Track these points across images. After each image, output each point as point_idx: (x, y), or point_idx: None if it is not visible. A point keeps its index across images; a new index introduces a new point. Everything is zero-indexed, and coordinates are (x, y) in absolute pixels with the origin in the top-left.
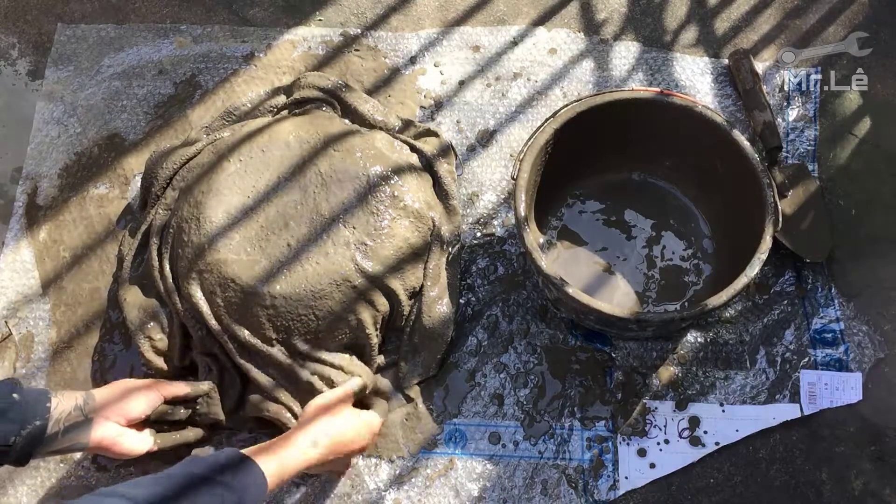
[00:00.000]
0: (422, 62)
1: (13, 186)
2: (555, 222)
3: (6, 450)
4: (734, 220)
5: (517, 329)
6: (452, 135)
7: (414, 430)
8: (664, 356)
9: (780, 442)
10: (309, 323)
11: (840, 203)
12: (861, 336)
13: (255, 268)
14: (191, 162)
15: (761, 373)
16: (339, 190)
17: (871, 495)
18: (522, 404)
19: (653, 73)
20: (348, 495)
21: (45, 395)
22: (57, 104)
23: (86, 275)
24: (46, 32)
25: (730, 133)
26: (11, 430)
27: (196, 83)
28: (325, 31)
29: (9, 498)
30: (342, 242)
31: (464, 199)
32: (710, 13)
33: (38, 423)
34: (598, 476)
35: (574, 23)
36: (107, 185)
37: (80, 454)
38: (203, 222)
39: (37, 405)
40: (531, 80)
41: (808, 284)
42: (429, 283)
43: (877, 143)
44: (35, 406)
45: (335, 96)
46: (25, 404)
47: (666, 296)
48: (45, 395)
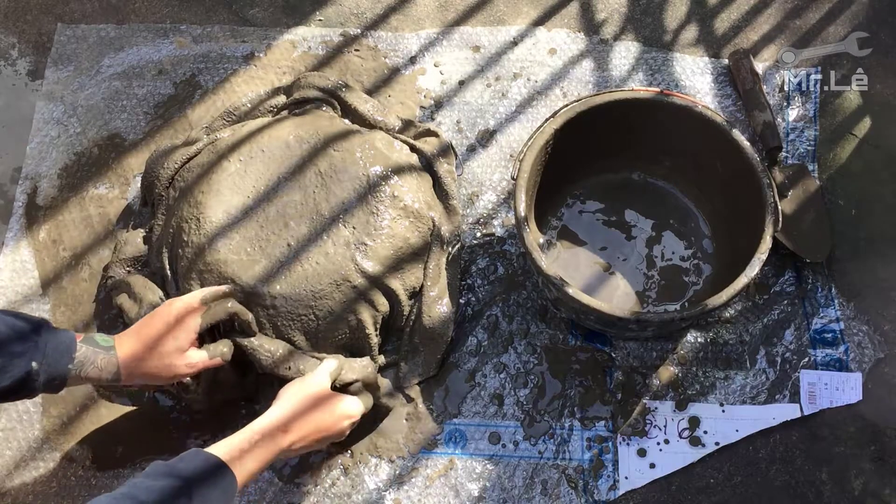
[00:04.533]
0: (422, 62)
1: (13, 186)
2: (555, 222)
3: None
4: (734, 220)
5: (517, 329)
6: (452, 135)
7: (414, 430)
8: (664, 356)
9: (780, 442)
10: (309, 323)
11: (840, 203)
12: (861, 336)
13: (254, 268)
14: (191, 162)
15: (761, 373)
16: (338, 190)
17: (871, 495)
18: (522, 404)
19: (653, 73)
20: (348, 495)
21: (71, 345)
22: (57, 104)
23: (86, 275)
24: (46, 32)
25: (730, 133)
26: (30, 370)
27: (196, 83)
28: (325, 31)
29: (8, 498)
30: (342, 242)
31: (464, 199)
32: (710, 13)
33: (59, 368)
34: (598, 476)
35: (574, 23)
36: (107, 185)
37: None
38: (203, 222)
39: (61, 352)
40: (531, 80)
41: (808, 284)
42: (429, 283)
43: (877, 143)
44: (60, 352)
45: (335, 96)
46: (46, 345)
47: (666, 296)
48: (70, 345)
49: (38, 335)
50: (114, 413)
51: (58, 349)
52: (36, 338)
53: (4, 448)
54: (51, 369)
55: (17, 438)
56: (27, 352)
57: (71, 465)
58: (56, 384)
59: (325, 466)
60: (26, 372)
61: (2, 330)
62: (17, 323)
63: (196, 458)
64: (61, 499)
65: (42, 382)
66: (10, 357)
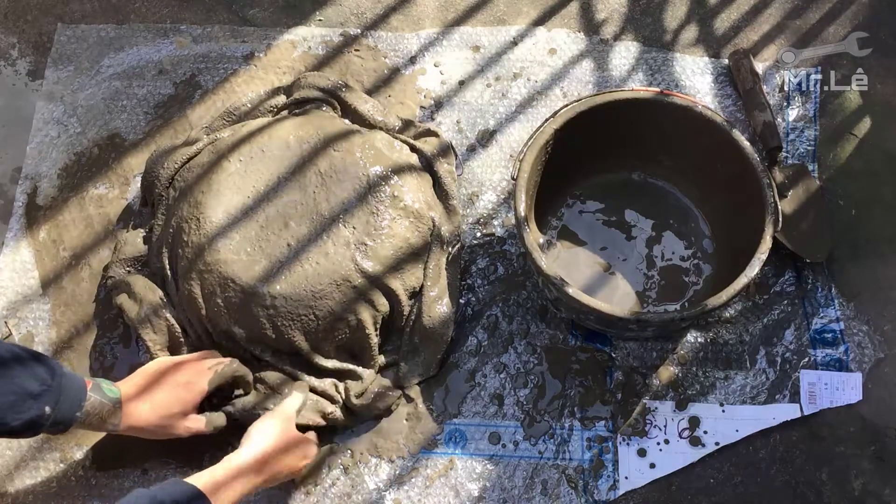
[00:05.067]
0: (422, 62)
1: (13, 186)
2: (555, 222)
3: (38, 424)
4: (734, 220)
5: (517, 329)
6: (452, 135)
7: (414, 430)
8: (664, 356)
9: (780, 442)
10: (309, 323)
11: (840, 203)
12: (861, 336)
13: (254, 268)
14: (191, 162)
15: (761, 373)
16: (338, 190)
17: (871, 495)
18: (522, 404)
19: (653, 73)
20: (348, 495)
21: (81, 393)
22: (57, 104)
23: (86, 275)
24: (46, 32)
25: (730, 133)
26: (41, 414)
27: (196, 83)
28: (325, 31)
29: (8, 498)
30: (342, 242)
31: (464, 199)
32: (710, 13)
33: (67, 415)
34: (598, 476)
35: (574, 23)
36: (106, 185)
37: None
38: (203, 222)
39: (72, 400)
40: (531, 80)
41: (808, 284)
42: (429, 283)
43: (877, 143)
44: (70, 399)
45: (335, 96)
46: (60, 391)
47: (666, 296)
48: (81, 393)
49: (52, 379)
50: None
51: (69, 397)
52: (51, 382)
53: (4, 448)
54: (60, 415)
55: (18, 439)
56: (42, 395)
57: (71, 465)
58: (60, 428)
59: (325, 466)
60: (38, 415)
61: (21, 371)
62: (35, 364)
63: (176, 487)
64: (61, 499)
65: (48, 425)
66: (25, 398)
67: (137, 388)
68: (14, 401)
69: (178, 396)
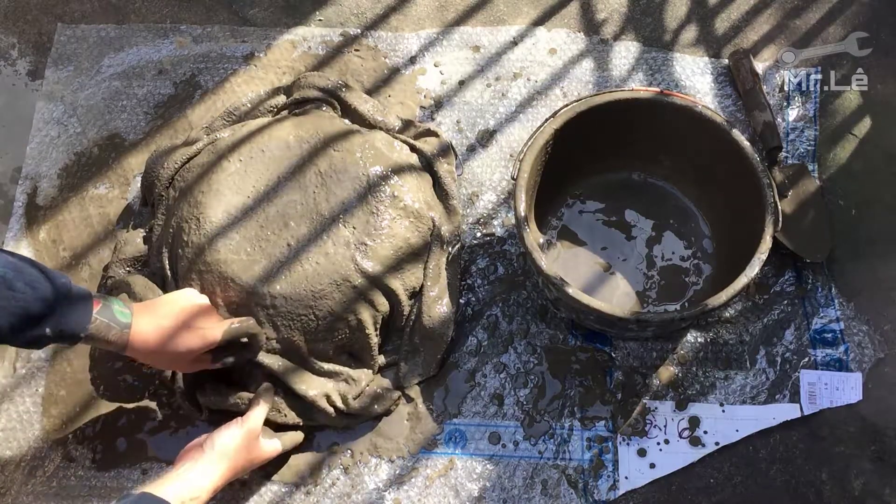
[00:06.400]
0: (422, 62)
1: (13, 186)
2: (555, 222)
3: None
4: (734, 220)
5: (517, 329)
6: (452, 135)
7: (414, 430)
8: (664, 356)
9: (780, 442)
10: (309, 323)
11: (840, 203)
12: (861, 336)
13: (254, 268)
14: (191, 162)
15: (761, 373)
16: (338, 190)
17: (871, 495)
18: (522, 404)
19: (653, 73)
20: (348, 495)
21: (86, 316)
22: (57, 104)
23: (86, 275)
24: (46, 32)
25: (730, 133)
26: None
27: (196, 83)
28: (325, 31)
29: (8, 498)
30: (342, 242)
31: (464, 199)
32: (710, 13)
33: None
34: (598, 476)
35: (574, 23)
36: (107, 185)
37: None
38: (203, 222)
39: (75, 323)
40: (531, 80)
41: (808, 284)
42: (429, 283)
43: (877, 143)
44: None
45: (335, 96)
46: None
47: (666, 296)
48: (86, 316)
49: (56, 300)
50: (114, 413)
51: (71, 319)
52: (54, 303)
53: (4, 448)
54: (62, 335)
55: (17, 438)
56: (44, 318)
57: (71, 465)
58: (65, 344)
59: (325, 466)
60: (38, 335)
61: (24, 288)
62: (39, 282)
63: (150, 501)
64: (61, 499)
65: (51, 341)
66: (27, 320)
67: (148, 317)
68: (14, 322)
69: (189, 339)
